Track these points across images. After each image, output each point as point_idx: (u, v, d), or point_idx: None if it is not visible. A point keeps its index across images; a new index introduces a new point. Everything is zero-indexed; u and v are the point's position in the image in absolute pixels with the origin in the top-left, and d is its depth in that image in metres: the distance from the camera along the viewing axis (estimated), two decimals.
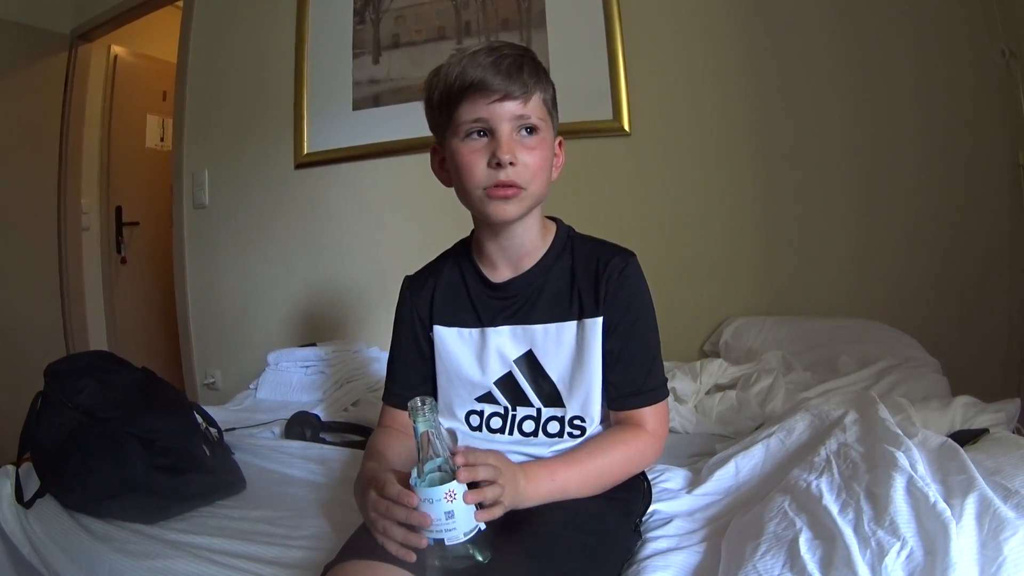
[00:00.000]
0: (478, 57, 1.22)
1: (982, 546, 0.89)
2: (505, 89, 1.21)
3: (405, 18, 3.25)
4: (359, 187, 3.37)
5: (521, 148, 1.24)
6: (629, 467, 1.29)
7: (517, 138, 1.24)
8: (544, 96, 1.29)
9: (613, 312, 1.31)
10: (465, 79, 1.21)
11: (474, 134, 1.25)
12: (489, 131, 1.23)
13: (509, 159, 1.21)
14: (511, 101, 1.22)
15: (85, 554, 1.39)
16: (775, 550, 1.00)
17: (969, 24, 2.52)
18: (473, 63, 1.21)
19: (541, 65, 1.30)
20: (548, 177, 1.31)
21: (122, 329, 4.85)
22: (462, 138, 1.25)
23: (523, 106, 1.23)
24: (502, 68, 1.21)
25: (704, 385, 2.25)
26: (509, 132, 1.23)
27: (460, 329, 1.39)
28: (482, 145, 1.24)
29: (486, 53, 1.23)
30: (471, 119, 1.23)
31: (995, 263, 2.52)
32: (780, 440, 1.50)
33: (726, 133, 2.81)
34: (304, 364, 2.70)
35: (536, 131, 1.26)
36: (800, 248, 2.74)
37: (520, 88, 1.22)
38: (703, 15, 2.84)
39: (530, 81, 1.24)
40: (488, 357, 1.36)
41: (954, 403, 1.73)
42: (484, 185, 1.25)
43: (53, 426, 1.56)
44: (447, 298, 1.42)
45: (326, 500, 1.66)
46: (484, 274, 1.40)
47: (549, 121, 1.31)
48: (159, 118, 5.08)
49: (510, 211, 1.27)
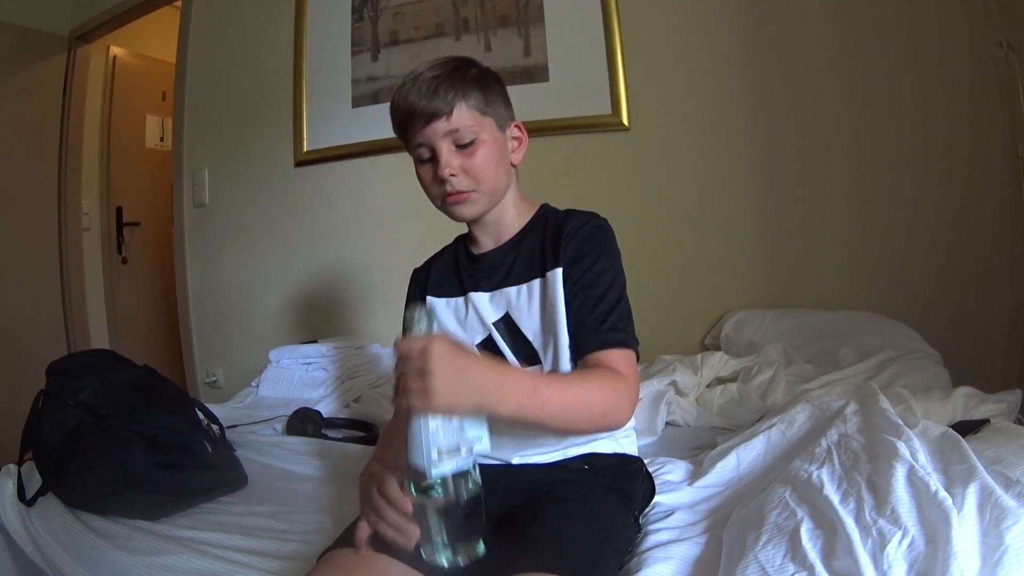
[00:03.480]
0: (404, 87, 1.34)
1: (984, 535, 0.89)
2: (429, 111, 1.30)
3: (403, 15, 3.25)
4: (359, 184, 3.37)
5: (460, 157, 1.33)
6: (608, 405, 1.21)
7: (454, 153, 1.33)
8: (470, 103, 1.34)
9: (570, 260, 1.34)
10: (399, 111, 1.34)
11: (423, 158, 1.36)
12: (431, 151, 1.33)
13: (449, 172, 1.31)
14: (437, 120, 1.30)
15: (88, 551, 1.40)
16: (776, 540, 1.00)
17: (968, 17, 2.52)
18: (401, 94, 1.34)
19: (461, 72, 1.36)
20: (501, 168, 1.39)
21: (123, 329, 4.86)
22: (418, 162, 1.38)
23: (448, 121, 1.31)
24: (423, 92, 1.30)
25: (705, 378, 2.26)
26: (447, 148, 1.32)
27: (448, 299, 1.47)
28: (430, 165, 1.35)
29: (411, 82, 1.33)
30: (415, 144, 1.35)
31: (995, 254, 2.52)
32: (781, 431, 1.51)
33: (726, 127, 2.81)
34: (306, 361, 2.71)
35: (471, 143, 1.33)
36: (800, 241, 2.74)
37: (443, 105, 1.30)
38: (702, 8, 2.84)
39: (448, 95, 1.31)
40: (470, 322, 1.42)
41: (955, 394, 1.74)
42: (439, 197, 1.37)
43: (55, 424, 1.57)
44: (440, 274, 1.52)
45: (328, 496, 1.67)
46: (470, 249, 1.50)
47: (484, 121, 1.36)
48: (159, 118, 5.09)
49: (467, 212, 1.38)
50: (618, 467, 1.38)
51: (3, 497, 1.55)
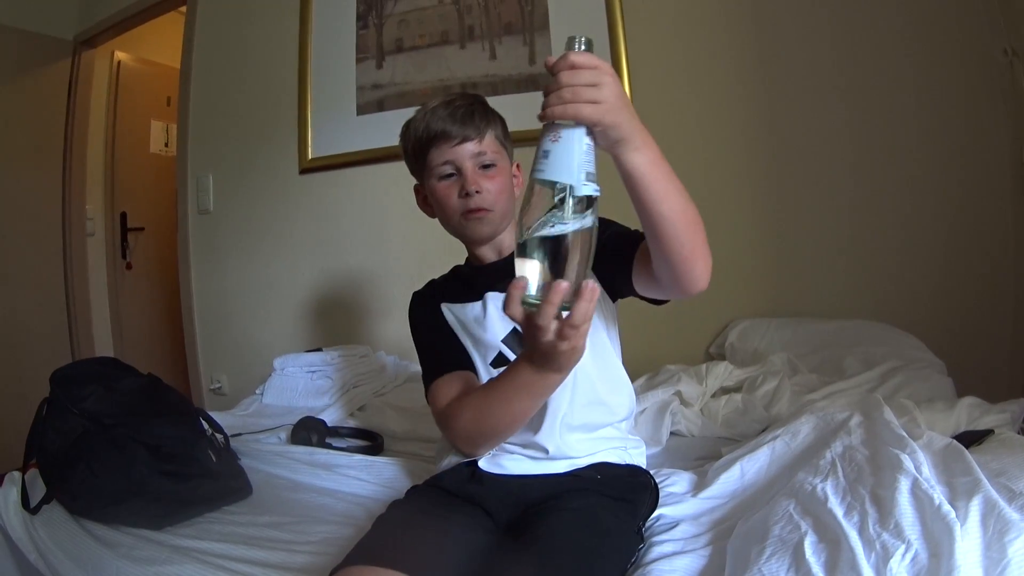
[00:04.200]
0: (437, 111, 1.46)
1: (986, 548, 0.89)
2: (462, 134, 1.44)
3: (408, 23, 3.25)
4: (364, 192, 3.37)
5: (483, 179, 1.46)
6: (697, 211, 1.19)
7: (479, 172, 1.46)
8: (495, 133, 1.50)
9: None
10: (430, 131, 1.45)
11: (445, 174, 1.47)
12: (456, 169, 1.46)
13: (475, 189, 1.43)
14: (468, 143, 1.45)
15: (91, 560, 1.40)
16: (780, 553, 1.00)
17: (971, 23, 2.51)
18: (434, 117, 1.46)
19: (490, 108, 1.53)
20: (510, 197, 1.51)
21: (128, 335, 4.87)
22: (437, 179, 1.49)
23: (479, 144, 1.46)
24: (457, 117, 1.44)
25: (710, 388, 2.25)
26: (472, 168, 1.45)
27: (464, 304, 1.53)
28: (452, 181, 1.47)
29: (443, 107, 1.46)
30: (440, 162, 1.46)
31: (999, 263, 2.51)
32: (785, 443, 1.50)
33: (730, 135, 2.81)
34: (310, 369, 2.71)
35: (493, 165, 1.48)
36: (804, 250, 2.74)
37: (474, 131, 1.45)
38: (705, 18, 2.84)
39: (481, 124, 1.47)
40: (490, 320, 1.47)
41: (959, 404, 1.73)
42: (460, 211, 1.46)
43: (59, 432, 1.57)
44: (448, 288, 1.60)
45: (333, 506, 1.66)
46: (475, 264, 1.58)
47: (503, 152, 1.52)
48: (163, 123, 5.11)
49: (484, 230, 1.49)
50: (628, 478, 1.41)
51: (7, 504, 1.56)
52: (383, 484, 1.77)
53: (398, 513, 1.31)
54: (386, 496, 1.59)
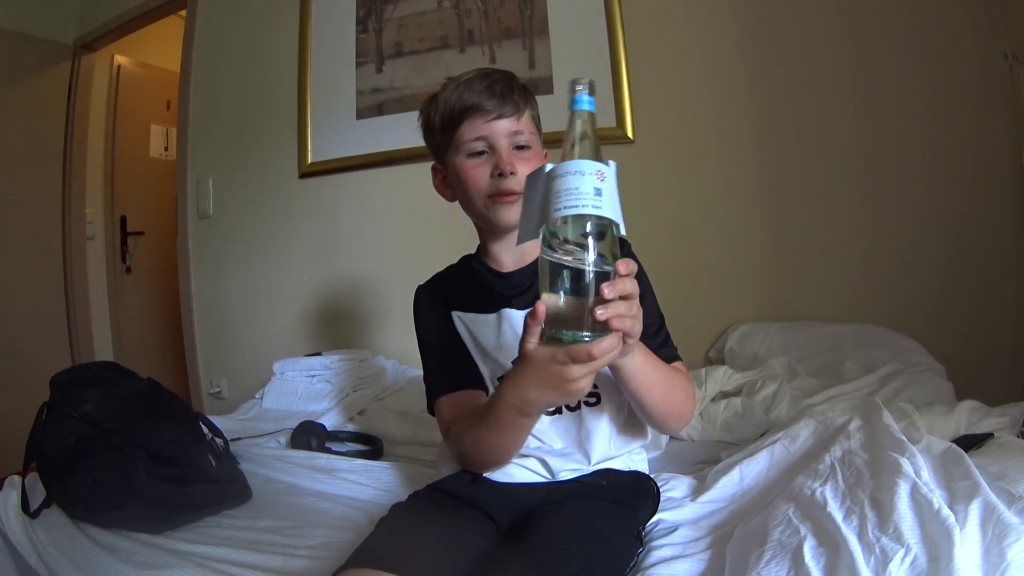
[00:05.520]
0: (473, 83, 1.38)
1: (986, 552, 0.89)
2: (500, 109, 1.35)
3: (408, 27, 3.26)
4: (364, 196, 3.37)
5: (518, 160, 1.36)
6: (688, 394, 1.32)
7: (513, 152, 1.37)
8: (532, 113, 1.43)
9: None
10: (464, 103, 1.36)
11: (476, 151, 1.37)
12: (489, 147, 1.37)
13: (510, 169, 1.33)
14: (505, 119, 1.36)
15: (91, 564, 1.39)
16: (779, 558, 1.00)
17: (973, 29, 2.52)
18: (469, 88, 1.37)
19: (527, 87, 1.45)
20: None
21: (127, 339, 4.87)
22: (465, 155, 1.39)
23: (516, 123, 1.37)
24: (496, 91, 1.36)
25: (709, 392, 2.25)
26: (507, 146, 1.36)
27: (476, 315, 1.45)
28: (483, 160, 1.37)
29: (479, 79, 1.38)
30: (473, 137, 1.37)
31: (999, 266, 2.52)
32: (785, 447, 1.50)
33: (730, 139, 2.82)
34: (310, 373, 2.71)
35: (528, 147, 1.39)
36: (804, 253, 2.75)
37: (512, 107, 1.37)
38: (706, 22, 2.85)
39: (520, 100, 1.39)
40: (505, 338, 1.40)
41: (959, 408, 1.74)
42: (488, 193, 1.37)
43: (59, 437, 1.56)
44: (460, 290, 1.50)
45: (332, 510, 1.66)
46: (492, 267, 1.48)
47: (537, 136, 1.44)
48: (163, 127, 5.11)
49: (512, 216, 1.35)
50: (632, 484, 1.41)
51: (7, 509, 1.55)
52: (382, 488, 1.77)
53: (400, 516, 1.30)
54: (386, 500, 1.59)
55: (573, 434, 1.38)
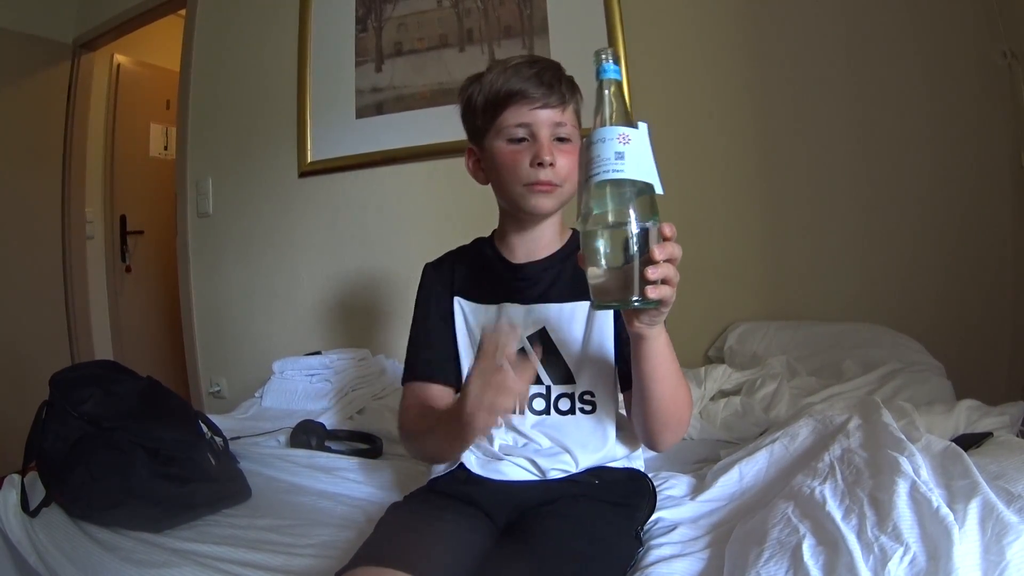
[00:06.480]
0: (521, 69, 1.36)
1: (985, 551, 0.89)
2: (546, 98, 1.34)
3: (407, 26, 3.26)
4: (363, 195, 3.37)
5: (557, 151, 1.35)
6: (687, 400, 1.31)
7: (555, 144, 1.36)
8: (576, 108, 1.41)
9: None
10: (510, 88, 1.35)
11: (517, 137, 1.36)
12: (531, 135, 1.36)
13: (550, 160, 1.33)
14: (550, 109, 1.35)
15: (91, 563, 1.39)
16: (778, 556, 1.00)
17: (971, 27, 2.52)
18: (517, 74, 1.35)
19: (573, 80, 1.42)
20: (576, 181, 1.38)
21: (127, 338, 4.87)
22: (506, 140, 1.38)
23: (560, 114, 1.36)
24: (544, 79, 1.34)
25: (709, 391, 2.25)
26: (548, 136, 1.35)
27: (478, 304, 1.49)
28: (524, 147, 1.36)
29: (528, 65, 1.37)
30: (515, 123, 1.36)
31: (999, 265, 2.52)
32: (784, 446, 1.50)
33: (730, 138, 2.82)
34: (309, 372, 2.71)
35: (569, 140, 1.38)
36: (804, 252, 2.74)
37: (558, 98, 1.35)
38: (706, 21, 2.85)
39: (567, 92, 1.37)
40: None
41: (958, 407, 1.74)
42: (525, 181, 1.36)
43: (58, 435, 1.56)
44: (467, 274, 1.53)
45: (332, 508, 1.66)
46: (504, 256, 1.50)
47: (578, 132, 1.40)
48: (162, 127, 5.11)
49: (548, 204, 1.38)
50: (627, 482, 1.40)
51: (6, 507, 1.55)
52: (382, 487, 1.77)
53: (399, 515, 1.31)
54: (385, 499, 1.59)
55: (560, 436, 1.38)
